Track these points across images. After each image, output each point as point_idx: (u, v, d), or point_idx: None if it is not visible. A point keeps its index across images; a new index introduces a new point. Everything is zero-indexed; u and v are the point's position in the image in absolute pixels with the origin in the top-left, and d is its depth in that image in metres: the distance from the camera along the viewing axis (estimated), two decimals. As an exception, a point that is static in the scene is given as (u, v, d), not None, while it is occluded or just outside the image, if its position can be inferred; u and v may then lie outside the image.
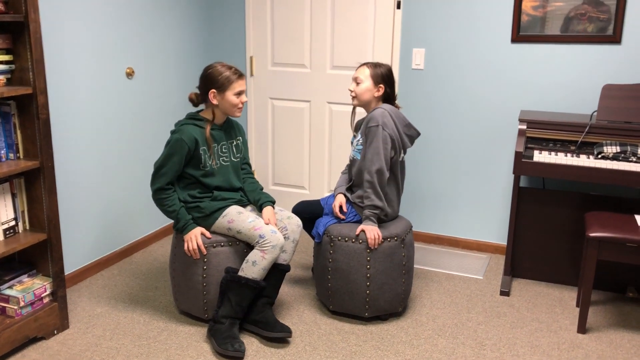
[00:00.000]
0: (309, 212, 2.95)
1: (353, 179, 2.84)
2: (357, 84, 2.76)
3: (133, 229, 3.55)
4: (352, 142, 2.89)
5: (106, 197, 3.30)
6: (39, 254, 2.59)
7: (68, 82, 2.95)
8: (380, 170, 2.64)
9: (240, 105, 2.59)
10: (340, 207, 2.79)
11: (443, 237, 3.74)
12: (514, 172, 2.92)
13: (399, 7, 3.50)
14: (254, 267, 2.48)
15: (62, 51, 2.90)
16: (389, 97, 2.79)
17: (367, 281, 2.65)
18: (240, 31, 3.97)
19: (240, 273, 2.50)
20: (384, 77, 2.75)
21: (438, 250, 3.66)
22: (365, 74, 2.75)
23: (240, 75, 2.57)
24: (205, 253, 2.56)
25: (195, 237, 2.55)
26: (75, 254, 3.12)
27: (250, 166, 2.88)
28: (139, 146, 3.53)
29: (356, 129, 2.92)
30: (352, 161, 2.85)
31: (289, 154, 4.02)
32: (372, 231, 2.63)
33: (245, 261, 2.51)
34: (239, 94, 2.57)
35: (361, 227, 2.66)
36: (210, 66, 2.58)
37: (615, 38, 3.10)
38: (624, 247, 2.55)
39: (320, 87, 3.82)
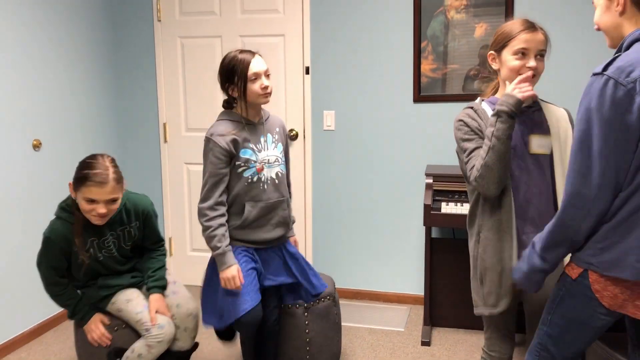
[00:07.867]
0: None
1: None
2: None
3: (44, 306, 3.36)
4: None
5: (13, 274, 3.13)
6: None
7: (-32, 156, 2.83)
8: None
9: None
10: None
11: (364, 291, 3.79)
12: (424, 224, 3.05)
13: (307, 72, 3.66)
14: (139, 359, 2.31)
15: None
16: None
17: (307, 345, 2.62)
18: (153, 98, 3.98)
19: None
20: None
21: (359, 305, 3.70)
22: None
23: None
24: (111, 338, 2.37)
25: (95, 325, 2.37)
26: (-24, 339, 2.91)
27: (160, 243, 2.58)
28: (46, 221, 3.39)
29: None
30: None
31: (207, 218, 3.99)
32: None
33: (130, 350, 2.31)
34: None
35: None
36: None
37: (505, 96, 3.37)
38: (529, 290, 2.70)
39: (236, 150, 3.85)
